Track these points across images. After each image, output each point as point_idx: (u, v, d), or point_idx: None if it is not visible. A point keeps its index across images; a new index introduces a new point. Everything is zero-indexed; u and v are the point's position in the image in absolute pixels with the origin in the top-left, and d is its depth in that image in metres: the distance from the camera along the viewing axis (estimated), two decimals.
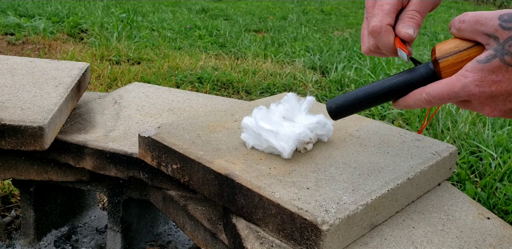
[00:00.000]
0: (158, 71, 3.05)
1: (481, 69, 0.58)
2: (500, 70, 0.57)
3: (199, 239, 0.92)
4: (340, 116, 0.72)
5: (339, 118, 0.73)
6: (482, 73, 0.58)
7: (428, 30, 6.00)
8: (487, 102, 0.60)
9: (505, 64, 0.57)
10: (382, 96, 0.68)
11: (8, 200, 1.52)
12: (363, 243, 0.73)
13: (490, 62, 0.58)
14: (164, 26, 4.90)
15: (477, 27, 0.60)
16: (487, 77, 0.58)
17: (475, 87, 0.59)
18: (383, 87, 0.68)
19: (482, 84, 0.59)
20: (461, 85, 0.60)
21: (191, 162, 0.83)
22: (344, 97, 0.71)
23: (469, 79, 0.59)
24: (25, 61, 1.30)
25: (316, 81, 3.12)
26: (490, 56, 0.58)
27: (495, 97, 0.59)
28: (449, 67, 0.62)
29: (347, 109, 0.71)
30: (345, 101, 0.70)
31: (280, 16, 6.68)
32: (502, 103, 0.60)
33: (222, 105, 1.25)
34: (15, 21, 4.32)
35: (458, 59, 0.62)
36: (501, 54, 0.57)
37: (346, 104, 0.70)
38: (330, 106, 0.72)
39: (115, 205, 1.15)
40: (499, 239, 0.78)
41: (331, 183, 0.76)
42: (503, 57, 0.57)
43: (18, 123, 0.94)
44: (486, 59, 0.58)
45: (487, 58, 0.58)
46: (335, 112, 0.71)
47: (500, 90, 0.58)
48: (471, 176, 1.63)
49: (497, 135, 1.95)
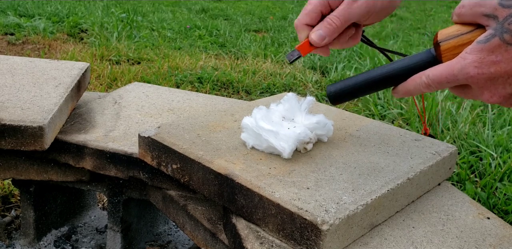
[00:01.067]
0: (158, 71, 3.05)
1: (480, 50, 0.57)
2: (500, 49, 0.55)
3: (199, 239, 0.92)
4: (340, 100, 0.72)
5: (338, 103, 0.73)
6: (482, 53, 0.57)
7: (428, 30, 6.01)
8: (486, 85, 0.58)
9: (504, 42, 0.55)
10: (382, 81, 0.68)
11: (8, 200, 1.52)
12: (363, 243, 0.73)
13: (490, 42, 0.56)
14: (164, 26, 4.90)
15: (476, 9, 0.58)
16: (486, 57, 0.56)
17: (473, 68, 0.57)
18: (383, 71, 0.67)
19: (481, 65, 0.57)
20: (460, 67, 0.58)
21: (191, 162, 0.83)
22: (344, 82, 0.71)
23: (468, 60, 0.58)
24: (25, 61, 1.30)
25: (316, 81, 3.12)
26: (489, 36, 0.56)
27: (495, 79, 0.57)
28: (450, 50, 0.61)
29: (346, 94, 0.70)
30: (345, 86, 0.70)
31: (280, 16, 6.68)
32: (502, 86, 0.58)
33: (222, 105, 1.25)
34: (15, 21, 4.32)
35: (460, 42, 0.61)
36: (500, 32, 0.55)
37: (346, 88, 0.70)
38: (329, 91, 0.72)
39: (115, 205, 1.14)
40: (499, 239, 0.78)
41: (331, 183, 0.76)
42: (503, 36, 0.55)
43: (18, 123, 0.94)
44: (485, 39, 0.56)
45: (487, 37, 0.56)
46: (335, 96, 0.71)
47: (499, 71, 0.56)
48: (471, 176, 1.63)
49: (497, 135, 1.95)
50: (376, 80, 0.68)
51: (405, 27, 6.25)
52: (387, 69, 0.67)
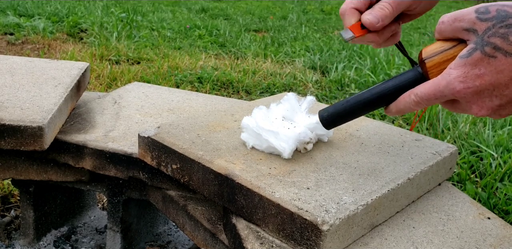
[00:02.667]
0: (158, 71, 3.05)
1: (463, 65, 0.57)
2: (482, 62, 0.56)
3: (199, 239, 0.92)
4: (333, 125, 0.73)
5: (332, 127, 0.73)
6: (465, 68, 0.57)
7: (428, 30, 6.00)
8: (473, 100, 0.59)
9: (486, 56, 0.56)
10: (372, 102, 0.68)
11: (8, 200, 1.52)
12: (363, 243, 0.73)
13: (472, 56, 0.57)
14: (164, 26, 4.90)
15: (456, 24, 0.59)
16: (469, 72, 0.57)
17: (459, 83, 0.58)
18: (373, 93, 0.68)
19: (466, 80, 0.57)
20: (446, 83, 0.59)
21: (191, 162, 0.83)
22: (335, 106, 0.71)
23: (452, 75, 0.58)
24: (24, 61, 1.30)
25: (316, 81, 3.12)
26: (471, 50, 0.57)
27: (481, 92, 0.58)
28: (436, 66, 0.62)
29: (339, 117, 0.71)
30: (336, 109, 0.71)
31: (280, 15, 6.68)
32: (489, 99, 0.58)
33: (222, 105, 1.25)
34: (15, 21, 4.32)
35: (444, 58, 0.62)
36: (481, 46, 0.56)
37: (338, 112, 0.71)
38: (322, 115, 0.72)
39: (115, 205, 1.14)
40: (500, 239, 0.78)
41: (331, 183, 0.75)
42: (483, 49, 0.56)
43: (18, 123, 0.94)
44: (467, 53, 0.57)
45: (468, 51, 0.57)
46: (327, 120, 0.72)
47: (484, 84, 0.57)
48: (471, 176, 1.63)
49: (497, 135, 1.95)
50: (367, 102, 0.69)
51: (406, 27, 6.25)
52: (377, 89, 0.68)
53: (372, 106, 0.69)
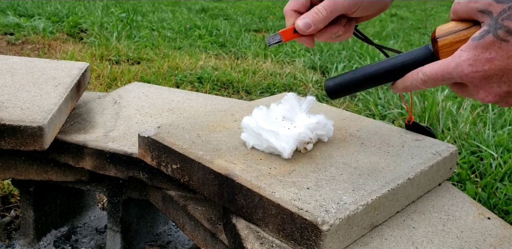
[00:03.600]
0: (158, 71, 3.05)
1: (475, 47, 0.56)
2: (493, 46, 0.55)
3: (199, 239, 0.92)
4: (338, 95, 0.72)
5: (336, 97, 0.72)
6: (476, 51, 0.56)
7: (428, 30, 6.00)
8: (481, 84, 0.57)
9: (498, 39, 0.54)
10: (380, 76, 0.67)
11: (8, 200, 1.52)
12: (364, 243, 0.73)
13: (484, 38, 0.55)
14: (164, 26, 4.90)
15: (471, 5, 0.58)
16: (480, 55, 0.56)
17: (468, 66, 0.56)
18: (381, 67, 0.67)
19: (475, 63, 0.56)
20: (455, 64, 0.58)
21: (191, 162, 0.83)
22: (342, 76, 0.70)
23: (462, 58, 0.57)
24: (24, 61, 1.30)
25: (316, 81, 3.12)
26: (483, 32, 0.55)
27: (489, 77, 0.56)
28: (447, 46, 0.61)
29: (344, 88, 0.70)
30: (343, 80, 0.70)
31: (280, 16, 6.68)
32: (497, 84, 0.57)
33: (222, 105, 1.25)
34: (15, 21, 4.32)
35: (457, 38, 0.60)
36: (494, 29, 0.54)
37: (344, 83, 0.70)
38: (328, 85, 0.71)
39: (115, 205, 1.14)
40: (500, 239, 0.78)
41: (331, 183, 0.75)
42: (496, 32, 0.54)
43: (18, 123, 0.94)
44: (480, 36, 0.56)
45: (481, 34, 0.56)
46: (333, 90, 0.71)
47: (493, 69, 0.55)
48: (471, 176, 1.63)
49: (497, 135, 1.95)
50: (374, 75, 0.68)
51: (406, 27, 6.25)
52: (386, 64, 0.67)
53: (379, 80, 0.68)
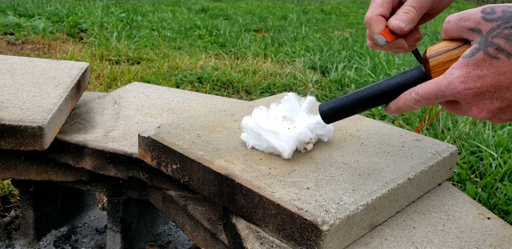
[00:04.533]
0: (158, 71, 3.05)
1: (466, 65, 0.57)
2: (484, 63, 0.55)
3: (199, 239, 0.92)
4: (332, 119, 0.72)
5: (331, 122, 0.73)
6: (467, 68, 0.56)
7: (428, 30, 6.00)
8: (473, 101, 0.58)
9: (489, 56, 0.55)
10: (373, 98, 0.68)
11: (8, 200, 1.52)
12: (363, 243, 0.73)
13: (475, 56, 0.56)
14: (164, 26, 4.90)
15: (461, 23, 0.59)
16: (471, 72, 0.56)
17: (460, 84, 0.57)
18: (374, 89, 0.67)
19: (467, 80, 0.57)
20: (447, 82, 0.58)
21: (191, 162, 0.83)
22: (336, 100, 0.71)
23: (454, 75, 0.57)
24: (24, 61, 1.30)
25: (316, 81, 3.12)
26: (474, 50, 0.56)
27: (482, 94, 0.57)
28: (439, 66, 0.62)
29: (339, 112, 0.70)
30: (337, 104, 0.70)
31: (280, 15, 6.68)
32: (489, 101, 0.57)
33: (222, 105, 1.25)
34: (15, 21, 4.32)
35: (448, 58, 0.61)
36: (484, 46, 0.55)
37: (338, 107, 0.70)
38: (322, 109, 0.71)
39: (115, 205, 1.14)
40: (500, 239, 0.78)
41: (331, 183, 0.75)
42: (487, 49, 0.55)
43: (18, 123, 0.94)
44: (470, 53, 0.56)
45: (472, 52, 0.56)
46: (327, 114, 0.71)
47: (485, 86, 0.56)
48: (471, 176, 1.63)
49: (497, 135, 1.95)
50: (368, 98, 0.68)
51: None
52: (379, 87, 0.67)
53: (372, 103, 0.68)
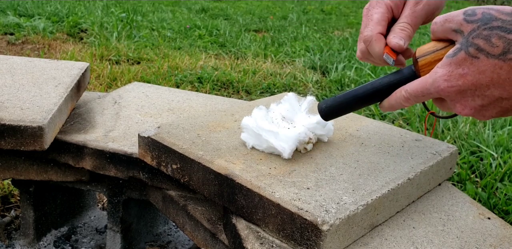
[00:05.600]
0: (158, 71, 3.05)
1: (449, 64, 0.60)
2: (466, 62, 0.58)
3: (199, 239, 0.92)
4: (330, 116, 0.75)
5: (329, 119, 0.76)
6: (450, 67, 0.60)
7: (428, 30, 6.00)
8: (457, 98, 0.61)
9: (469, 56, 0.58)
10: (368, 97, 0.71)
11: (8, 200, 1.52)
12: (364, 243, 0.73)
13: (457, 56, 0.59)
14: (164, 26, 4.90)
15: (446, 25, 0.62)
16: (454, 71, 0.59)
17: (443, 82, 0.60)
18: (368, 88, 0.71)
19: (450, 79, 0.60)
20: (432, 80, 0.62)
21: (191, 162, 0.83)
22: (334, 98, 0.74)
23: (438, 74, 0.61)
24: (24, 61, 1.30)
25: (317, 81, 3.12)
26: (456, 50, 0.59)
27: (464, 92, 0.60)
28: (427, 65, 0.65)
29: (336, 110, 0.74)
30: (335, 102, 0.74)
31: (280, 15, 6.68)
32: (471, 98, 0.60)
33: (222, 105, 1.25)
34: (15, 21, 4.32)
35: (435, 58, 0.64)
36: (465, 46, 0.58)
37: (336, 104, 0.73)
38: (320, 107, 0.75)
39: (115, 205, 1.14)
40: (500, 239, 0.78)
41: (331, 183, 0.75)
42: (468, 49, 0.58)
43: (18, 123, 0.94)
44: (453, 53, 0.60)
45: (454, 51, 0.60)
46: (325, 112, 0.74)
47: (466, 84, 0.59)
48: (471, 176, 1.63)
49: (497, 135, 1.95)
50: (364, 96, 0.71)
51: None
52: (374, 85, 0.71)
53: (367, 101, 0.72)
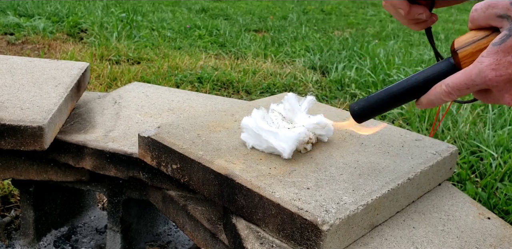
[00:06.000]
0: (158, 71, 3.05)
1: (496, 52, 0.55)
2: None
3: (199, 239, 0.92)
4: (364, 118, 0.70)
5: (363, 121, 0.71)
6: (498, 55, 0.55)
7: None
8: (506, 88, 0.57)
9: None
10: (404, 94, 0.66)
11: (8, 200, 1.52)
12: (364, 243, 0.73)
13: (505, 43, 0.55)
14: (164, 26, 4.90)
15: (489, 11, 0.58)
16: (502, 59, 0.55)
17: (491, 71, 0.56)
18: (405, 85, 0.66)
19: (498, 67, 0.56)
20: (477, 71, 0.57)
21: (191, 162, 0.83)
22: (367, 99, 0.69)
23: (484, 63, 0.56)
24: (24, 61, 1.30)
25: (317, 81, 3.12)
26: (504, 37, 0.55)
27: None
28: (468, 56, 0.60)
29: (370, 110, 0.69)
30: (368, 103, 0.69)
31: (280, 15, 6.68)
32: None
33: (222, 105, 1.25)
34: (15, 21, 4.32)
35: (477, 48, 0.60)
36: None
37: (369, 105, 0.69)
38: (353, 109, 0.70)
39: (115, 205, 1.14)
40: (500, 239, 0.78)
41: (331, 183, 0.75)
42: None
43: (18, 123, 0.94)
44: (500, 40, 0.55)
45: (501, 39, 0.55)
46: (358, 114, 0.70)
47: None
48: (471, 176, 1.63)
49: (497, 135, 1.95)
50: (399, 94, 0.67)
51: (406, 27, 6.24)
52: (409, 82, 0.66)
53: (403, 99, 0.67)
